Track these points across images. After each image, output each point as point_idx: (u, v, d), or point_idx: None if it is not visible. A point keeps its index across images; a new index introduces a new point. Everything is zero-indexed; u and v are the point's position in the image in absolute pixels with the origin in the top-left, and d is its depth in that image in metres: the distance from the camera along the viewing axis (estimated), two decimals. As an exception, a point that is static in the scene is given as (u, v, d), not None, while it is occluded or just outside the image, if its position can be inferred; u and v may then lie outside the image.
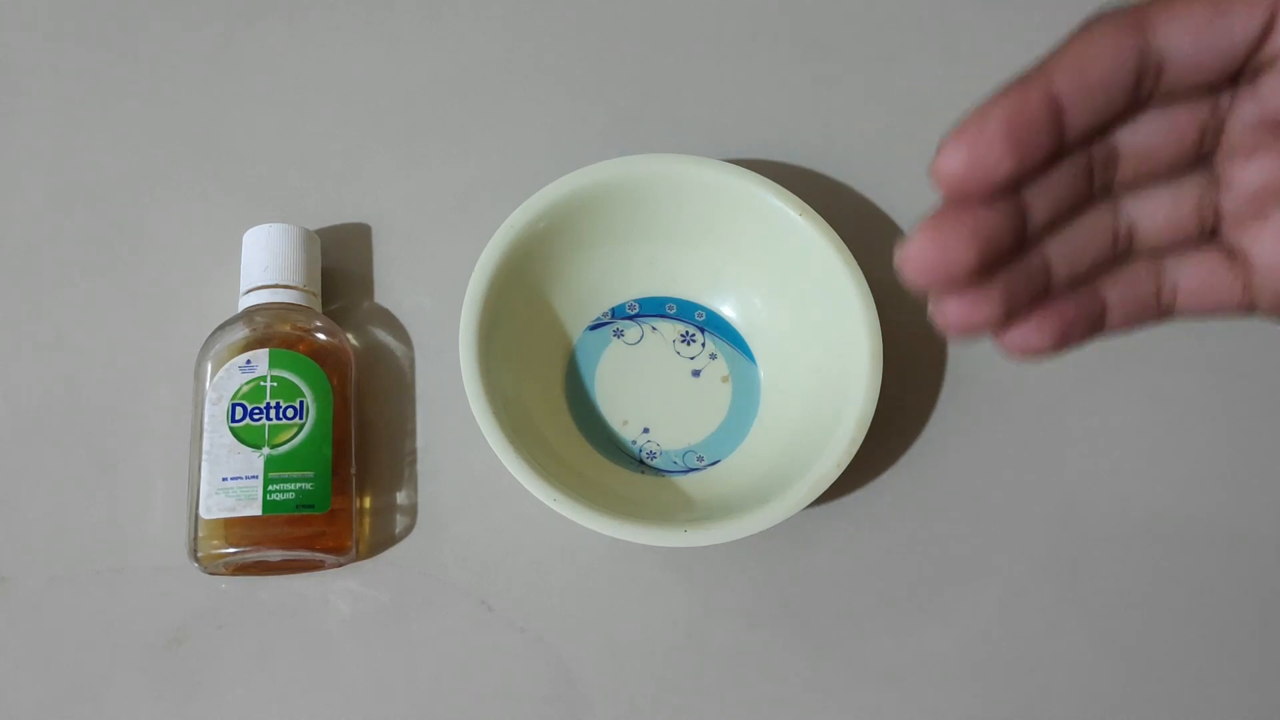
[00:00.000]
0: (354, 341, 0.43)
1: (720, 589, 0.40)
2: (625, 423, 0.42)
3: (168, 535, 0.40)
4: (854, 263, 0.39)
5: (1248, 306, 0.24)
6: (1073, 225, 0.23)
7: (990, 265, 0.22)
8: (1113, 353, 0.44)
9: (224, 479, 0.37)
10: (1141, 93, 0.21)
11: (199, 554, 0.37)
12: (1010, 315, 0.23)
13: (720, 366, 0.43)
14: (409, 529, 0.41)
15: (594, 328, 0.44)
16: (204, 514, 0.37)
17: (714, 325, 0.44)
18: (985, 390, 0.43)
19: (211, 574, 0.39)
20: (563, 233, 0.41)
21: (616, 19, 0.49)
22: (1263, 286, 0.24)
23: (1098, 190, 0.23)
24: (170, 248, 0.45)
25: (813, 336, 0.41)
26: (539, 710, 0.38)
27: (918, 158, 0.43)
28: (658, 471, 0.41)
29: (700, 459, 0.42)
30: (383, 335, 0.44)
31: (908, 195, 0.46)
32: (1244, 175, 0.23)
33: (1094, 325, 0.24)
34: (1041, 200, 0.22)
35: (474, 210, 0.45)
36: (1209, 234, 0.24)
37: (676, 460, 0.42)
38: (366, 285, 0.45)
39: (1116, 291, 0.24)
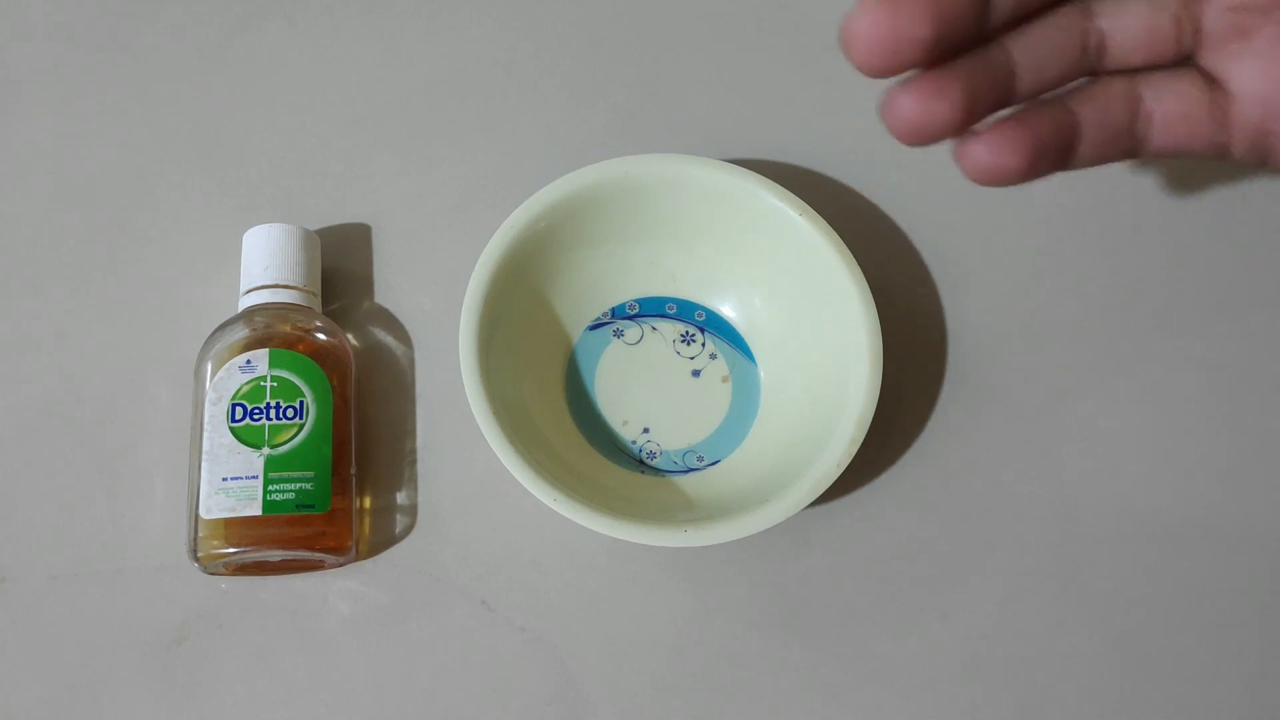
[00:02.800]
0: (354, 341, 0.43)
1: (720, 589, 0.40)
2: (625, 423, 0.42)
3: (168, 535, 0.40)
4: (854, 263, 0.39)
5: (1224, 144, 0.22)
6: (1041, 25, 0.21)
7: (947, 48, 0.19)
8: (1113, 353, 0.44)
9: (224, 479, 0.37)
10: None
11: (199, 554, 0.37)
12: (971, 117, 0.20)
13: (720, 366, 0.43)
14: (409, 529, 0.41)
15: (594, 328, 0.44)
16: (204, 514, 0.37)
17: (714, 325, 0.44)
18: (985, 390, 0.43)
19: (211, 574, 0.39)
20: (563, 233, 0.41)
21: (616, 19, 0.49)
22: (1240, 121, 0.22)
23: None
24: (170, 248, 0.45)
25: (813, 336, 0.41)
26: (539, 710, 0.39)
27: (918, 158, 0.44)
28: (658, 471, 0.41)
29: (700, 459, 0.42)
30: (383, 335, 0.44)
31: (908, 195, 0.46)
32: None
33: (1065, 149, 0.22)
34: None
35: (474, 210, 0.45)
36: (1186, 58, 0.22)
37: (676, 460, 0.42)
38: (366, 285, 0.45)
39: (1090, 112, 0.22)
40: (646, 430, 0.42)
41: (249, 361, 0.38)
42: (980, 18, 0.20)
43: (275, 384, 0.38)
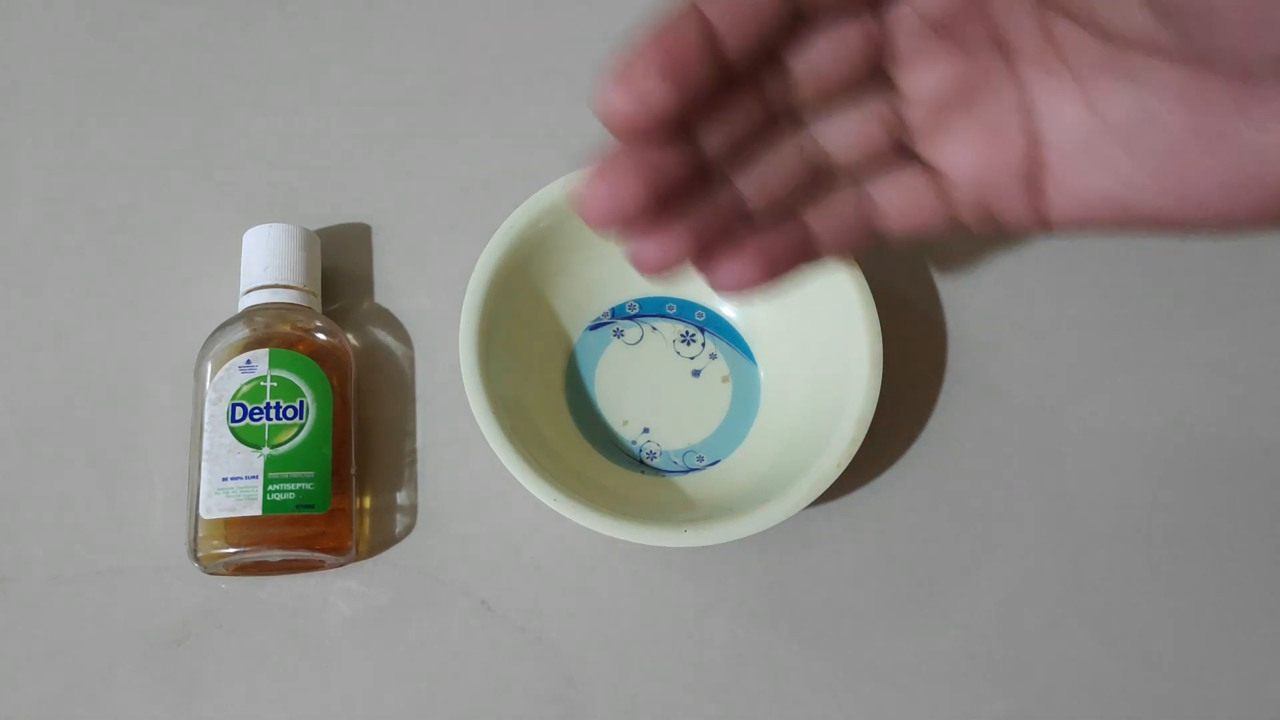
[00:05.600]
0: (354, 341, 0.43)
1: (720, 589, 0.40)
2: (625, 423, 0.42)
3: (168, 535, 0.40)
4: (854, 263, 0.39)
5: (952, 219, 0.24)
6: (759, 155, 0.23)
7: (668, 202, 0.21)
8: (1113, 352, 0.44)
9: (224, 479, 0.37)
10: (795, 9, 0.21)
11: (199, 554, 0.37)
12: (706, 252, 0.22)
13: (720, 366, 0.43)
14: (409, 529, 0.41)
15: (594, 328, 0.44)
16: (204, 514, 0.37)
17: (714, 325, 0.44)
18: (985, 390, 0.43)
19: (211, 574, 0.39)
20: (563, 233, 0.41)
21: (616, 19, 0.49)
22: (960, 199, 0.24)
23: (779, 116, 0.23)
24: (170, 248, 0.45)
25: (813, 336, 0.41)
26: (539, 710, 0.39)
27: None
28: (658, 471, 0.41)
29: (700, 459, 0.42)
30: (383, 335, 0.44)
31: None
32: (918, 85, 0.23)
33: (802, 254, 0.23)
34: (717, 131, 0.22)
35: (474, 210, 0.45)
36: (903, 151, 0.24)
37: (676, 460, 0.42)
38: (366, 285, 0.45)
39: (820, 218, 0.23)
40: (646, 430, 0.42)
41: (249, 361, 0.38)
42: (695, 168, 0.21)
43: (275, 384, 0.38)
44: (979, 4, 0.21)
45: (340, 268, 0.45)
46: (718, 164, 0.22)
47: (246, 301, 0.40)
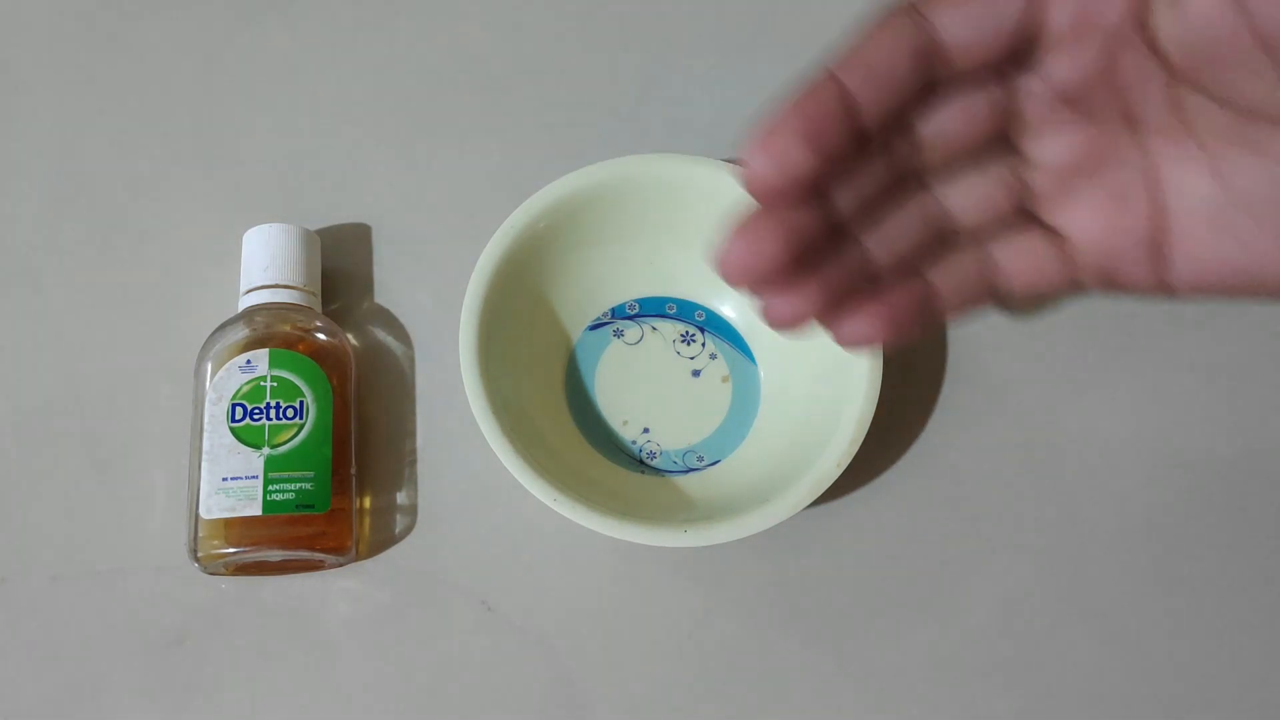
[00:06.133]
0: (354, 341, 0.43)
1: (720, 589, 0.40)
2: (625, 423, 0.42)
3: (168, 535, 0.40)
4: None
5: (1074, 282, 0.25)
6: (887, 216, 0.23)
7: (804, 261, 0.22)
8: (1113, 352, 0.44)
9: (224, 479, 0.37)
10: (928, 79, 0.22)
11: (199, 554, 0.37)
12: (834, 308, 0.23)
13: (720, 366, 0.43)
14: (409, 529, 0.41)
15: (594, 328, 0.44)
16: (204, 514, 0.37)
17: (714, 325, 0.44)
18: (985, 390, 0.43)
19: (211, 574, 0.39)
20: (563, 233, 0.41)
21: (616, 19, 0.49)
22: (1082, 262, 0.24)
23: (907, 179, 0.23)
24: (170, 248, 0.45)
25: (813, 336, 0.41)
26: (539, 710, 0.39)
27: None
28: (658, 471, 0.41)
29: (700, 459, 0.42)
30: (383, 335, 0.44)
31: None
32: (1045, 153, 0.24)
33: (926, 312, 0.24)
34: (849, 193, 0.23)
35: (474, 210, 0.45)
36: (1026, 214, 0.24)
37: (676, 460, 0.42)
38: (366, 285, 0.45)
39: (943, 278, 0.24)
40: (646, 430, 0.42)
41: (249, 361, 0.38)
42: (829, 231, 0.23)
43: (275, 384, 0.38)
44: (1110, 78, 0.22)
45: (340, 268, 0.45)
46: (847, 224, 0.23)
47: (246, 301, 0.40)
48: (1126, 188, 0.23)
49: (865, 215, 0.23)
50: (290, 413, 0.38)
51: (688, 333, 0.44)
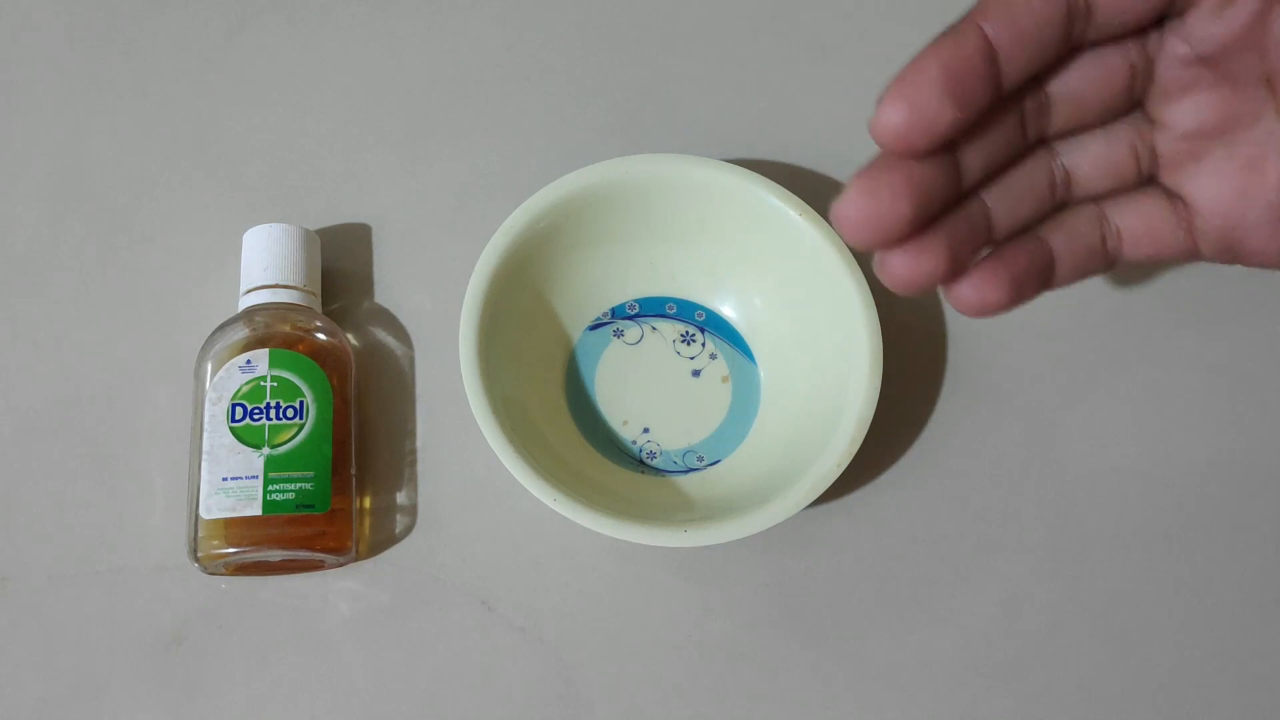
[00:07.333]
0: (354, 341, 0.43)
1: (720, 589, 0.40)
2: (625, 423, 0.42)
3: (168, 535, 0.40)
4: (854, 263, 0.39)
5: (1192, 250, 0.24)
6: (1010, 174, 0.23)
7: (927, 217, 0.21)
8: (1113, 352, 0.44)
9: (224, 479, 0.37)
10: (1072, 37, 0.21)
11: (199, 554, 0.37)
12: (956, 267, 0.22)
13: (720, 366, 0.43)
14: (409, 529, 0.41)
15: (594, 328, 0.44)
16: (204, 514, 0.37)
17: (714, 325, 0.44)
18: (985, 390, 0.43)
19: (211, 574, 0.39)
20: (563, 233, 0.41)
21: (616, 19, 0.49)
22: (1204, 229, 0.24)
23: (1032, 139, 0.23)
24: (170, 248, 0.45)
25: (813, 336, 0.41)
26: (539, 710, 0.39)
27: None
28: (658, 471, 0.41)
29: (700, 459, 0.42)
30: (383, 335, 0.44)
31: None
32: (1177, 116, 0.23)
33: (1044, 275, 0.24)
34: (977, 150, 0.22)
35: (474, 210, 0.45)
36: (1148, 178, 0.24)
37: (676, 460, 0.42)
38: (366, 285, 0.45)
39: (1061, 239, 0.24)
40: (646, 430, 0.42)
41: (249, 361, 0.38)
42: (954, 186, 0.22)
43: (275, 384, 0.38)
44: (1257, 38, 0.21)
45: (340, 268, 0.45)
46: (972, 182, 0.22)
47: (246, 301, 0.40)
48: (1259, 154, 0.22)
49: (989, 173, 0.22)
50: (290, 413, 0.38)
51: (688, 333, 0.44)
